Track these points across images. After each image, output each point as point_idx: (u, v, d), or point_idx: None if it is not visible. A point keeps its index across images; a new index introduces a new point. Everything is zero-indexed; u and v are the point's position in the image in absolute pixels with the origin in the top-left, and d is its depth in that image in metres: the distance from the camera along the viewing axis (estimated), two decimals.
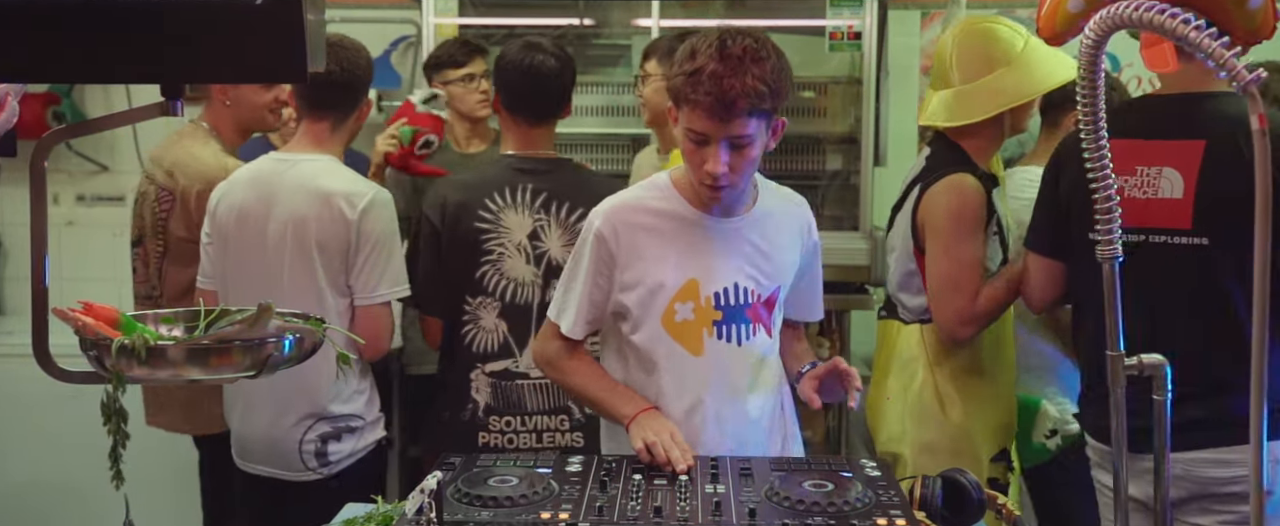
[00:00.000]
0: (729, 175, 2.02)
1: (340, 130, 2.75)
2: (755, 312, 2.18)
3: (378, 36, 4.52)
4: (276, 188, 2.67)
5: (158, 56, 1.39)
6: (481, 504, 1.78)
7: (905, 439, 2.70)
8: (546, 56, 2.77)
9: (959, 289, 2.58)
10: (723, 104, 1.94)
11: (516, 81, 2.79)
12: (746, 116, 1.96)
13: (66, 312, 1.48)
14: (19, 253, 4.65)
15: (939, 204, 2.59)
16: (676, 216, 2.15)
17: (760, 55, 1.97)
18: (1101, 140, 1.44)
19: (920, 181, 2.69)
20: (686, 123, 2.02)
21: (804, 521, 1.69)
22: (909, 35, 4.55)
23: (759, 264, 2.17)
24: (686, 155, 2.06)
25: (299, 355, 1.60)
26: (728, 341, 2.16)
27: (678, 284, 2.14)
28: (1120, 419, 1.58)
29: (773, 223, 2.20)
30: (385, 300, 2.68)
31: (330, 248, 2.62)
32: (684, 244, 2.14)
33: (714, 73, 1.94)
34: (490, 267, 2.78)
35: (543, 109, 2.82)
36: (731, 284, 2.15)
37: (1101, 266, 2.27)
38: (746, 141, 2.00)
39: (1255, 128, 1.23)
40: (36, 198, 1.49)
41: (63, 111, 4.41)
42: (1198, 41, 1.25)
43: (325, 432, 2.69)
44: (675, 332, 2.15)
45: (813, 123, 4.20)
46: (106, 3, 1.34)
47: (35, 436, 3.86)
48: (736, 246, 2.16)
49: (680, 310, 2.14)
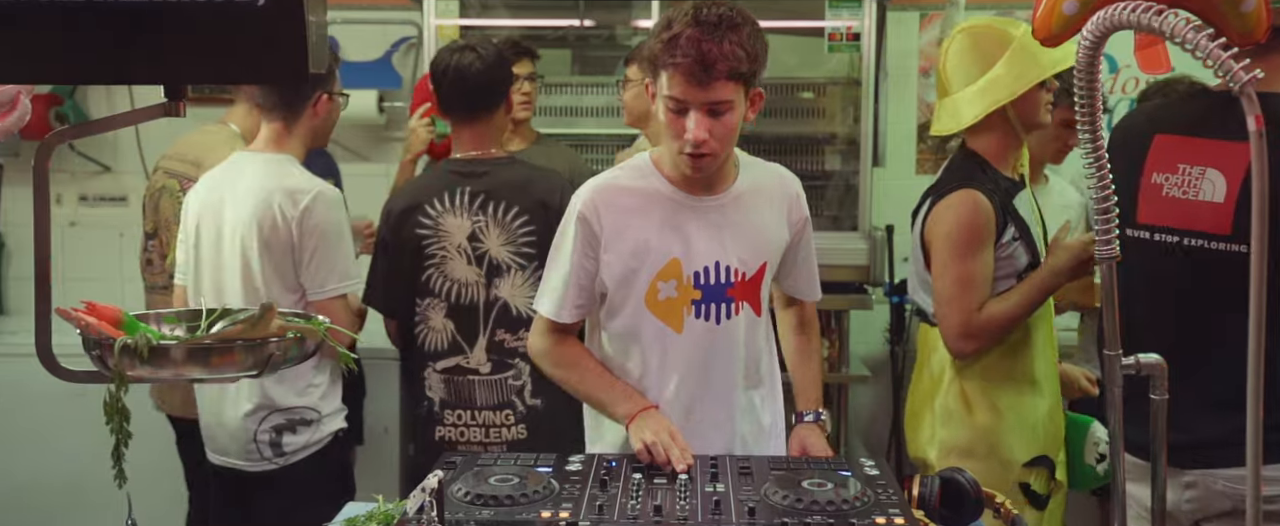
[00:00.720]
0: (709, 142, 2.01)
1: (296, 129, 2.80)
2: (738, 291, 2.18)
3: (379, 37, 4.54)
4: (229, 187, 2.74)
5: (160, 57, 1.40)
6: (482, 502, 1.78)
7: (934, 442, 2.68)
8: (472, 57, 2.83)
9: (955, 305, 2.56)
10: (701, 66, 1.94)
11: (442, 82, 2.86)
12: (725, 80, 1.97)
13: (69, 312, 1.49)
14: (22, 252, 4.67)
15: (943, 220, 2.58)
16: (657, 195, 2.16)
17: (736, 21, 1.98)
18: (1099, 141, 1.44)
19: (933, 194, 2.68)
20: (665, 90, 2.02)
21: (803, 520, 1.70)
22: (908, 36, 4.57)
23: (741, 241, 2.18)
24: (666, 125, 2.06)
25: (300, 354, 1.62)
26: (708, 319, 2.17)
27: (660, 262, 2.15)
28: (1117, 418, 1.58)
29: (755, 198, 2.20)
30: (336, 294, 2.73)
31: (274, 245, 2.69)
32: (665, 222, 2.15)
33: (691, 37, 1.95)
34: (434, 270, 2.86)
35: (470, 108, 2.87)
36: (712, 262, 2.16)
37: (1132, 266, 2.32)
38: (725, 107, 2.00)
39: (1253, 129, 1.24)
40: (40, 198, 1.50)
41: (66, 112, 4.43)
42: (1195, 42, 1.25)
43: (279, 424, 2.76)
44: (658, 311, 2.17)
45: (812, 123, 4.21)
46: (109, 4, 1.35)
47: (38, 435, 3.88)
48: (717, 224, 2.16)
49: (663, 288, 2.16)
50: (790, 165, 3.81)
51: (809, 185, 4.09)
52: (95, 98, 4.59)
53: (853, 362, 4.07)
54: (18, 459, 3.94)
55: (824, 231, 4.02)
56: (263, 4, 1.36)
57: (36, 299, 1.50)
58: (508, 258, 2.79)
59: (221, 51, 1.40)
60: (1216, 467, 2.15)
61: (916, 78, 4.61)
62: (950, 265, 2.56)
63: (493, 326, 2.82)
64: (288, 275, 2.71)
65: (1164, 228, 2.23)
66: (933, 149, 4.62)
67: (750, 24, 2.01)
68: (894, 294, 4.21)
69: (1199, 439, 2.10)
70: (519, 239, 2.79)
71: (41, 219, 1.50)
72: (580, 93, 4.34)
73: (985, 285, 2.57)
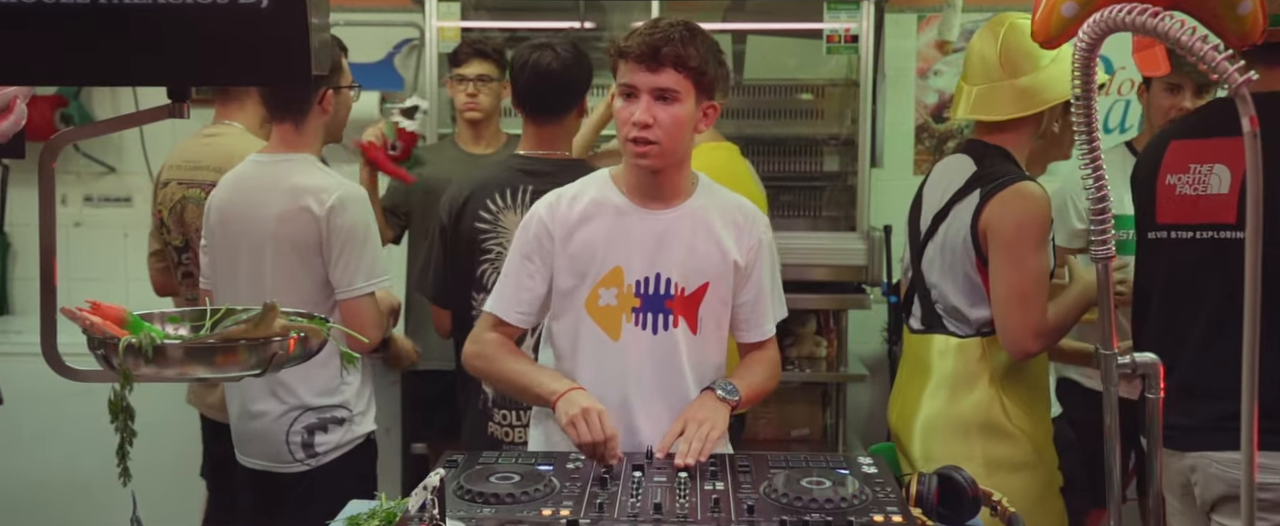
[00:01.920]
0: (653, 128, 2.09)
1: (305, 128, 2.78)
2: (677, 305, 2.20)
3: (381, 39, 4.57)
4: (253, 189, 2.73)
5: (164, 59, 1.41)
6: (484, 500, 1.80)
7: (974, 458, 2.47)
8: (552, 55, 2.82)
9: (1029, 302, 2.45)
10: (650, 49, 2.07)
11: (520, 79, 2.84)
12: (672, 68, 2.08)
13: (75, 312, 1.50)
14: (28, 252, 4.68)
15: (1008, 213, 2.46)
16: (609, 204, 2.22)
17: (692, 30, 2.13)
18: (1095, 142, 1.46)
19: (978, 187, 2.53)
20: (619, 79, 2.14)
21: (802, 518, 1.71)
22: (905, 38, 4.58)
23: (685, 257, 2.20)
24: (617, 115, 2.16)
25: (303, 354, 1.63)
26: (645, 329, 2.20)
27: (603, 269, 2.20)
28: (1112, 417, 1.60)
29: (707, 219, 2.23)
30: (365, 292, 2.72)
31: (303, 245, 2.68)
32: (613, 231, 2.20)
33: (644, 28, 2.12)
34: (489, 266, 2.82)
35: (546, 107, 2.85)
36: (654, 273, 2.20)
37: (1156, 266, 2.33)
38: (672, 96, 2.10)
39: (1247, 130, 1.26)
40: (45, 198, 1.52)
41: (71, 113, 4.45)
42: (1190, 45, 1.27)
43: (311, 423, 2.74)
44: (597, 316, 2.21)
45: (810, 124, 4.23)
46: (113, 5, 1.36)
47: (44, 434, 3.90)
48: (663, 237, 2.20)
49: (604, 295, 2.21)
50: (789, 165, 3.75)
51: (807, 186, 4.17)
52: (100, 99, 4.60)
53: (851, 362, 4.08)
54: (24, 457, 3.97)
55: (822, 232, 4.04)
56: (266, 6, 1.37)
57: (42, 298, 1.51)
58: None
59: (225, 53, 1.41)
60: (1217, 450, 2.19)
61: (914, 79, 4.63)
62: (1021, 259, 2.45)
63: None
64: (317, 274, 2.70)
65: (1179, 225, 2.30)
66: (931, 150, 4.64)
67: (707, 38, 2.14)
68: (892, 294, 4.22)
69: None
70: None
71: (47, 219, 1.52)
72: None
73: (1049, 281, 2.52)
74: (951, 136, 4.56)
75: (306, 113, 2.77)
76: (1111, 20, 1.35)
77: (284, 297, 2.57)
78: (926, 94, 4.64)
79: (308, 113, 2.77)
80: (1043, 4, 2.28)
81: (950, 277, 2.58)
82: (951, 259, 2.56)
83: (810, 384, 4.02)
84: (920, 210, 2.74)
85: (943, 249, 2.58)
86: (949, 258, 2.57)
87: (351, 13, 4.44)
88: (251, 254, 2.72)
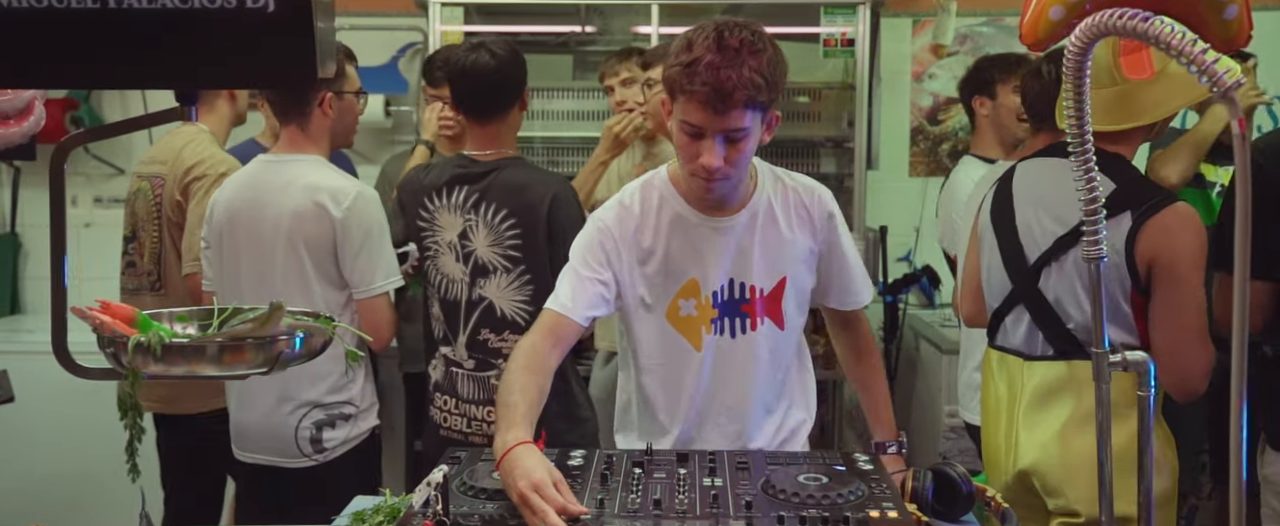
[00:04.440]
0: (724, 168, 2.00)
1: (310, 129, 2.83)
2: (754, 307, 2.19)
3: (386, 43, 4.61)
4: (266, 188, 2.77)
5: (172, 62, 1.43)
6: (487, 496, 1.82)
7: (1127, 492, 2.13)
8: (487, 55, 2.79)
9: (1205, 342, 2.25)
10: (719, 95, 1.91)
11: (457, 80, 2.84)
12: (743, 109, 1.93)
13: (85, 311, 1.52)
14: (39, 252, 4.76)
15: (1180, 245, 2.23)
16: (675, 215, 2.17)
17: (757, 47, 1.95)
18: (1088, 144, 1.48)
19: (1127, 208, 2.26)
20: (681, 115, 1.99)
21: (799, 513, 1.73)
22: (901, 42, 4.62)
23: (758, 259, 2.18)
24: (680, 147, 2.04)
25: (309, 352, 1.65)
26: (724, 334, 2.20)
27: (680, 282, 2.17)
28: (1106, 415, 1.63)
29: (773, 215, 2.19)
30: (383, 291, 2.77)
31: (317, 244, 2.72)
32: (684, 246, 2.16)
33: (711, 64, 1.91)
34: (429, 263, 2.90)
35: (484, 108, 2.85)
36: (727, 281, 2.18)
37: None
38: (742, 135, 1.98)
39: (1236, 132, 1.28)
40: (55, 199, 1.54)
41: (81, 116, 4.51)
42: (1179, 48, 1.29)
43: (320, 419, 2.78)
44: (679, 326, 2.19)
45: (807, 127, 4.26)
46: (122, 10, 1.38)
47: (55, 430, 3.94)
48: (734, 243, 2.17)
49: (684, 306, 2.18)
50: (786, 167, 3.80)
51: None
52: (109, 102, 4.67)
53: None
54: (35, 453, 4.02)
55: None
56: (272, 10, 1.40)
57: (52, 298, 1.54)
58: (493, 259, 2.78)
59: (232, 57, 1.43)
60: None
61: (909, 82, 4.66)
62: (1200, 294, 2.25)
63: (475, 324, 2.82)
64: (327, 272, 2.74)
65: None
66: (926, 152, 4.67)
67: (771, 49, 1.97)
68: (888, 293, 4.25)
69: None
70: (506, 241, 2.77)
71: (57, 220, 1.54)
72: (581, 97, 4.39)
73: None
74: (946, 139, 4.60)
75: (307, 115, 2.80)
76: (1103, 24, 1.37)
77: (293, 295, 2.65)
78: (921, 97, 4.67)
79: (309, 115, 2.80)
80: (1031, 7, 2.30)
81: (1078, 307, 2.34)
82: (1077, 287, 2.34)
83: None
84: (1014, 219, 2.48)
85: (1080, 271, 2.32)
86: (1072, 286, 2.34)
87: (356, 17, 4.48)
88: (262, 251, 2.74)
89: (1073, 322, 2.34)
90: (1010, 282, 2.45)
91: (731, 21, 1.98)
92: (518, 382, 1.97)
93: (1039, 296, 2.38)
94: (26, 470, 4.00)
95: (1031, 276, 2.39)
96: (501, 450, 1.81)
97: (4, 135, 1.84)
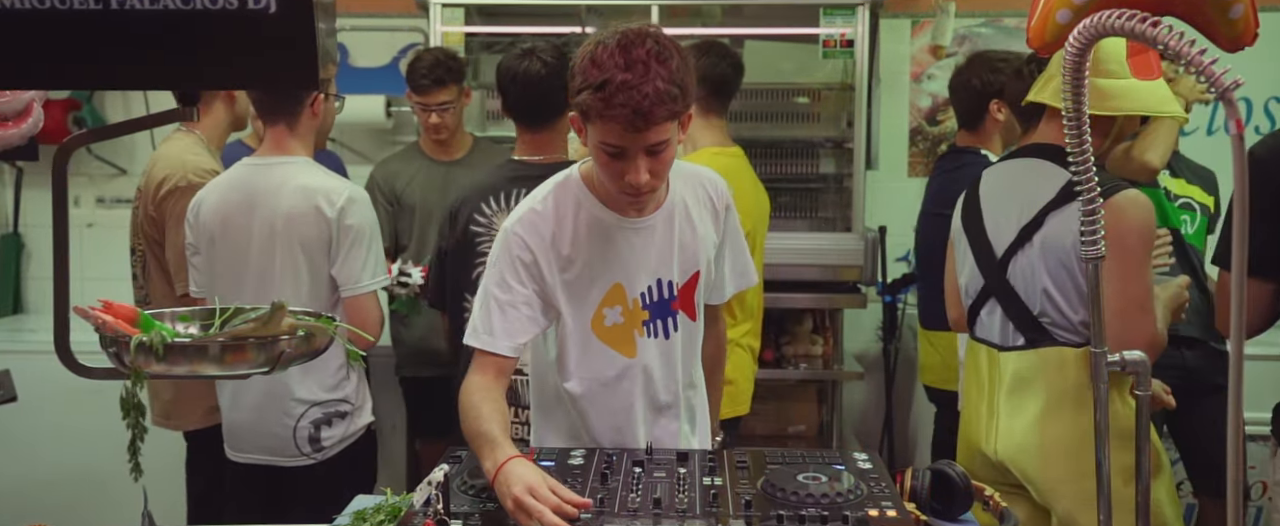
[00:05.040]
0: (651, 181, 1.95)
1: (298, 131, 2.84)
2: (679, 302, 2.18)
3: (387, 45, 4.62)
4: (256, 190, 2.77)
5: (174, 64, 1.44)
6: (488, 495, 1.83)
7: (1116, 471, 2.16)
8: (538, 63, 2.79)
9: (1146, 313, 2.33)
10: (638, 115, 1.85)
11: (508, 87, 2.84)
12: (663, 122, 1.89)
13: (87, 311, 1.53)
14: (41, 253, 4.77)
15: (1125, 223, 2.30)
16: (593, 218, 2.09)
17: (663, 55, 1.88)
18: (1085, 145, 1.49)
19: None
20: (600, 137, 1.92)
21: (798, 512, 1.74)
22: (899, 43, 4.63)
23: (677, 254, 2.15)
24: (602, 166, 1.98)
25: (309, 352, 1.66)
26: (657, 337, 2.17)
27: (603, 289, 2.12)
28: (1103, 414, 1.63)
29: (686, 209, 2.17)
30: (370, 290, 2.77)
31: (312, 244, 2.73)
32: (605, 247, 2.11)
33: (624, 84, 1.84)
34: (483, 268, 2.84)
35: (537, 115, 2.85)
36: (654, 281, 2.14)
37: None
38: (663, 147, 1.93)
39: (1233, 133, 1.29)
40: (58, 200, 1.55)
41: (83, 117, 4.51)
42: (1178, 49, 1.30)
43: (317, 418, 2.79)
44: (606, 337, 2.14)
45: (806, 127, 4.27)
46: (124, 11, 1.39)
47: (57, 430, 3.95)
48: (655, 241, 2.13)
49: (609, 315, 2.13)
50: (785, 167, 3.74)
51: (804, 187, 4.21)
52: (112, 102, 4.67)
53: (846, 360, 4.12)
54: (37, 453, 4.02)
55: (819, 232, 4.08)
56: (274, 11, 1.40)
57: (55, 298, 1.55)
58: None
59: (234, 58, 1.44)
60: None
61: (908, 83, 4.67)
62: (1143, 270, 2.35)
63: None
64: (320, 272, 2.75)
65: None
66: (925, 152, 4.68)
67: (676, 54, 1.92)
68: (886, 293, 4.26)
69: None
70: None
71: (60, 220, 1.55)
72: None
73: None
74: (944, 139, 4.60)
75: (298, 115, 2.81)
76: (1103, 25, 1.37)
77: (287, 295, 2.64)
78: (920, 98, 4.68)
79: (299, 115, 2.81)
80: (1038, 11, 2.31)
81: (1059, 288, 2.40)
82: (1056, 268, 2.40)
83: (806, 381, 4.07)
84: (981, 218, 2.58)
85: (1044, 258, 2.41)
86: (1054, 267, 2.40)
87: (357, 18, 4.49)
88: (257, 254, 2.75)
89: (1043, 312, 2.42)
90: (981, 278, 2.54)
91: (633, 31, 1.92)
92: (483, 411, 1.96)
93: (1008, 287, 2.48)
94: (28, 469, 4.01)
95: (1000, 269, 2.49)
96: (494, 469, 1.82)
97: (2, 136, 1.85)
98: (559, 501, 1.72)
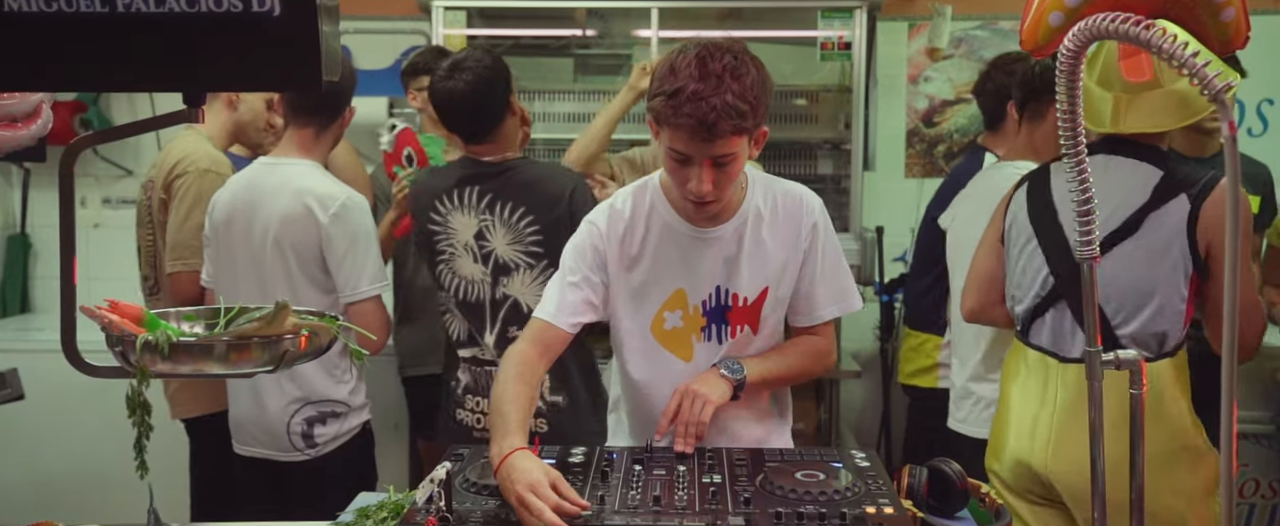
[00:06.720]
0: (713, 191, 2.02)
1: (324, 137, 2.88)
2: (738, 315, 2.20)
3: (389, 47, 4.64)
4: (260, 190, 2.80)
5: (179, 66, 1.45)
6: (489, 493, 1.85)
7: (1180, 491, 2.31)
8: (459, 81, 2.77)
9: (1257, 304, 2.29)
10: (704, 126, 1.91)
11: (440, 107, 2.84)
12: (728, 136, 1.94)
13: (94, 310, 1.54)
14: (48, 253, 4.80)
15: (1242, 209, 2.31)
16: (664, 225, 2.18)
17: (739, 71, 1.93)
18: (1080, 145, 1.50)
19: (1180, 192, 2.30)
20: (668, 142, 1.99)
21: (797, 509, 1.76)
22: (897, 45, 4.65)
23: (744, 267, 2.18)
24: (670, 172, 2.06)
25: (314, 351, 1.67)
26: (712, 341, 2.21)
27: (666, 293, 2.19)
28: (1098, 413, 1.65)
29: (761, 224, 2.20)
30: (370, 295, 2.79)
31: (302, 248, 2.75)
32: (672, 253, 2.17)
33: (694, 94, 1.90)
34: (444, 266, 2.91)
35: (468, 131, 2.85)
36: (715, 289, 2.19)
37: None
38: (729, 160, 1.99)
39: (1226, 135, 1.30)
40: (65, 201, 1.56)
41: (89, 118, 4.54)
42: (1171, 51, 1.31)
43: (311, 416, 2.82)
44: (665, 340, 2.21)
45: (804, 129, 4.29)
46: (130, 14, 1.40)
47: (64, 428, 3.97)
48: (722, 253, 2.17)
49: (669, 318, 2.20)
50: (784, 168, 3.76)
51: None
52: (118, 104, 4.70)
53: (844, 359, 4.14)
54: (44, 451, 4.05)
55: None
56: (278, 14, 1.42)
57: (62, 297, 1.56)
58: (514, 257, 2.81)
59: (239, 60, 1.45)
60: None
61: (905, 85, 4.69)
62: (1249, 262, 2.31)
63: (502, 323, 2.84)
64: (314, 276, 2.77)
65: None
66: (922, 153, 4.69)
67: (753, 71, 1.96)
68: (884, 293, 4.28)
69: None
70: (526, 238, 2.80)
71: (67, 221, 1.56)
72: (582, 99, 4.42)
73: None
74: (942, 141, 4.62)
75: (331, 122, 2.85)
76: (1097, 28, 1.39)
77: (282, 296, 2.65)
78: (917, 99, 4.70)
79: (332, 123, 2.85)
80: (1031, 13, 2.32)
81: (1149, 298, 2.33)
82: (1150, 276, 2.32)
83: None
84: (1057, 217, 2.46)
85: (1131, 267, 2.33)
86: (1148, 275, 2.32)
87: (360, 20, 4.51)
88: (253, 253, 2.78)
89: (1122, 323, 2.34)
90: (1052, 280, 2.44)
91: (714, 45, 1.96)
92: (510, 392, 2.01)
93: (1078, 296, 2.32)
94: (36, 466, 4.03)
95: (1068, 275, 2.39)
96: (498, 457, 1.87)
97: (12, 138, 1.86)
98: (559, 501, 1.75)
